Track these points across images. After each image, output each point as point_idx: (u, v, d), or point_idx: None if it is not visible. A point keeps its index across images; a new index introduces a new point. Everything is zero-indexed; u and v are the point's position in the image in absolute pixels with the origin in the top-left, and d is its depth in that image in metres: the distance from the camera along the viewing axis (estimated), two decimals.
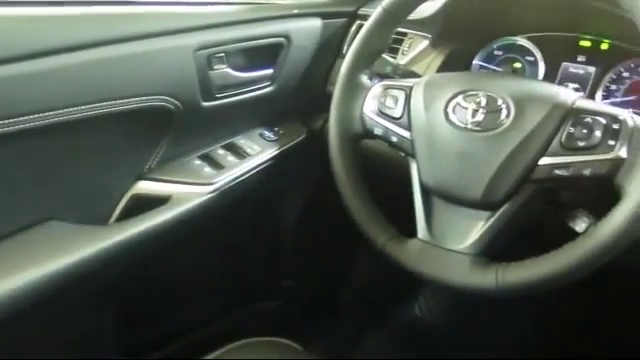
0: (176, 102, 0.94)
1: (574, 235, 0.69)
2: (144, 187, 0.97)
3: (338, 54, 1.17)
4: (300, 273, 1.41)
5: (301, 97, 1.17)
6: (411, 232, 0.80)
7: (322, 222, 1.32)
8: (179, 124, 0.97)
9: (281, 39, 1.07)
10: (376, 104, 0.83)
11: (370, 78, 0.90)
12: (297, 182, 1.26)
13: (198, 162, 1.04)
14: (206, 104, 1.00)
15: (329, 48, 1.16)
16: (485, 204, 0.73)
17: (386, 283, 1.46)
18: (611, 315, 1.23)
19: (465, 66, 1.07)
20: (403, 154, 0.82)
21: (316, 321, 1.40)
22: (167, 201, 0.96)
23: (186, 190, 0.98)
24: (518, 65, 1.04)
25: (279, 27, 1.07)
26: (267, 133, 1.14)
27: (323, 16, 1.13)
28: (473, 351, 1.34)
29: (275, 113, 1.16)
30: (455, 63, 1.05)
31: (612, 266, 0.66)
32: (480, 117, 0.73)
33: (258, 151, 1.09)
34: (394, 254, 0.79)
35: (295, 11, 1.10)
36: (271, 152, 1.11)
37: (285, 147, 1.13)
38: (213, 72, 0.99)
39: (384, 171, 0.92)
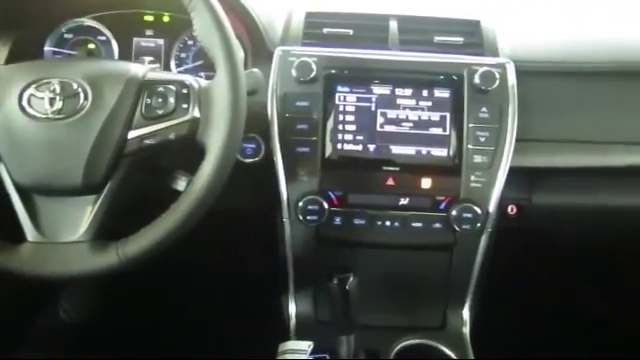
0: None
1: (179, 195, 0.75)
2: None
3: None
4: None
5: None
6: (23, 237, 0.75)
7: None
8: None
9: None
10: None
11: None
12: None
13: None
14: None
15: None
16: (88, 188, 0.73)
17: (17, 294, 1.34)
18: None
19: (37, 54, 1.02)
20: None
21: None
22: None
23: None
24: (92, 46, 1.05)
25: None
26: None
27: None
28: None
29: None
30: (24, 52, 0.98)
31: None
32: (59, 105, 0.72)
33: None
34: (4, 265, 0.73)
35: None
36: None
37: None
38: None
39: None
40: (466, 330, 1.02)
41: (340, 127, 0.92)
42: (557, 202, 1.05)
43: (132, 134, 0.73)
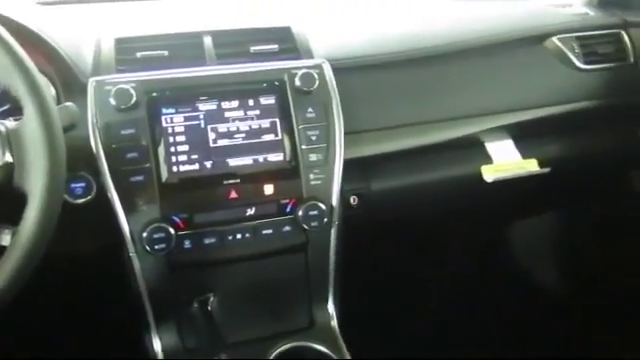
0: None
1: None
2: None
3: None
4: None
5: None
6: None
7: None
8: None
9: None
10: None
11: None
12: None
13: None
14: None
15: None
16: None
17: None
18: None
19: None
20: None
21: None
22: None
23: None
24: None
25: None
26: None
27: None
28: None
29: None
30: None
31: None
32: None
33: None
34: None
35: None
36: None
37: None
38: None
39: None
40: (334, 323, 1.05)
41: (172, 149, 0.90)
42: (393, 185, 1.12)
43: None
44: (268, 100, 0.95)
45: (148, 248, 0.87)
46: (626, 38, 1.23)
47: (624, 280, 1.47)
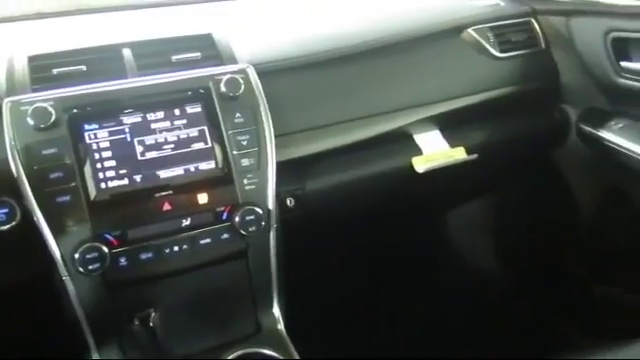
0: None
1: None
2: None
3: None
4: None
5: None
6: None
7: None
8: None
9: None
10: None
11: None
12: None
13: None
14: None
15: None
16: None
17: None
18: None
19: None
20: None
21: None
22: None
23: None
24: None
25: None
26: None
27: None
28: None
29: None
30: None
31: None
32: None
33: None
34: None
35: None
36: None
37: None
38: None
39: None
40: (281, 326, 1.05)
41: (99, 165, 0.88)
42: (328, 184, 1.13)
43: None
44: (194, 108, 0.94)
45: (81, 269, 0.84)
46: (536, 25, 1.29)
47: (558, 261, 1.53)
